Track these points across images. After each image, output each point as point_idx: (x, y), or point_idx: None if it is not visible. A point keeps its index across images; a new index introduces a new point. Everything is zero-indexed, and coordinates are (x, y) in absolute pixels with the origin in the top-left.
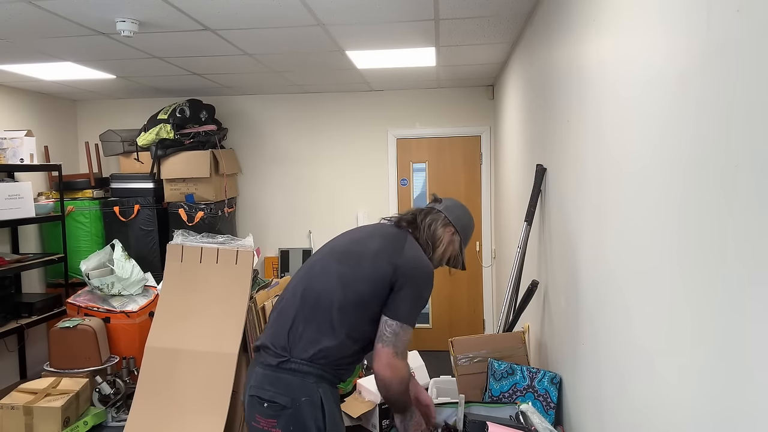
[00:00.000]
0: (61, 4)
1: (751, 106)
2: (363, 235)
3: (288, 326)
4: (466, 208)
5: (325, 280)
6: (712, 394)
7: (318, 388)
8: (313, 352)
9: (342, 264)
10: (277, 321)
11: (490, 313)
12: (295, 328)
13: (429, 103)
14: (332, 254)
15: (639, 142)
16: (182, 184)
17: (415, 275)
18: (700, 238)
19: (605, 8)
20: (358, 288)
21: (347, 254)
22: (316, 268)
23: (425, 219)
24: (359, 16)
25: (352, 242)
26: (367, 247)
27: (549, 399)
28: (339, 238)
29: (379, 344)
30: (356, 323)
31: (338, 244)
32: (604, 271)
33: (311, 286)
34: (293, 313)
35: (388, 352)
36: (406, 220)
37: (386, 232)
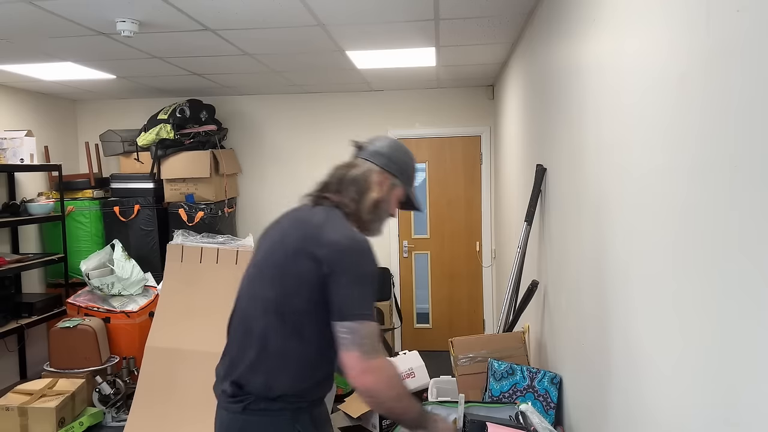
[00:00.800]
0: (61, 4)
1: (751, 106)
2: (278, 234)
3: (240, 367)
4: (398, 143)
5: (256, 314)
6: (713, 395)
7: (296, 424)
8: (276, 387)
9: (264, 288)
10: (228, 358)
11: (490, 313)
12: (249, 367)
13: (429, 103)
14: (255, 277)
15: (639, 142)
16: (182, 184)
17: (343, 256)
18: (701, 239)
19: (605, 8)
20: (293, 307)
21: (266, 273)
22: (242, 301)
23: (346, 176)
24: (359, 16)
25: (268, 253)
26: (284, 249)
27: (549, 399)
28: (261, 244)
29: (342, 352)
30: (310, 341)
31: (259, 260)
32: (604, 271)
33: (246, 321)
34: (240, 351)
35: (355, 356)
36: (325, 191)
37: (300, 219)
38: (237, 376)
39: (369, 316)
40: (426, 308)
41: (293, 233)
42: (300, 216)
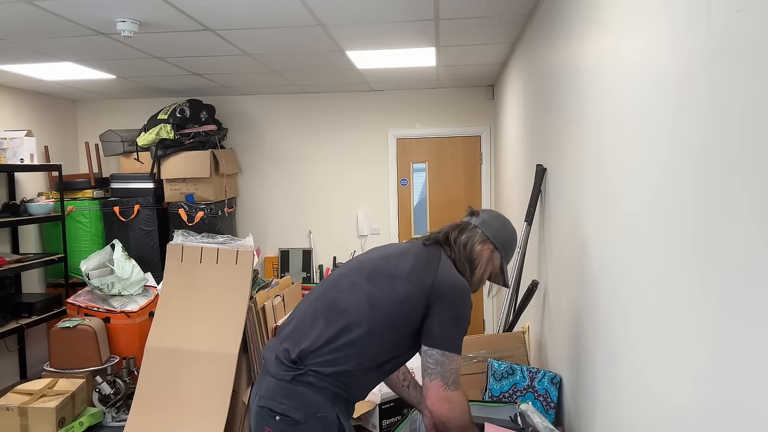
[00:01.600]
0: (61, 4)
1: (752, 106)
2: (394, 252)
3: (308, 340)
4: (507, 220)
5: (353, 298)
6: (712, 395)
7: (334, 405)
8: (333, 370)
9: (371, 283)
10: (295, 332)
11: (490, 313)
12: (315, 342)
13: (429, 103)
14: (360, 271)
15: (639, 142)
16: (182, 184)
17: (451, 296)
18: (701, 239)
19: (605, 8)
20: (389, 311)
21: (377, 273)
22: (342, 284)
23: (460, 236)
24: (359, 16)
25: (381, 259)
26: (398, 266)
27: (549, 399)
28: (368, 254)
29: (426, 379)
30: (384, 347)
31: (367, 260)
32: (604, 271)
33: (337, 303)
34: (315, 327)
35: (437, 386)
36: (438, 238)
37: (419, 251)
38: (302, 348)
39: (457, 352)
40: None
41: (411, 258)
42: (417, 249)
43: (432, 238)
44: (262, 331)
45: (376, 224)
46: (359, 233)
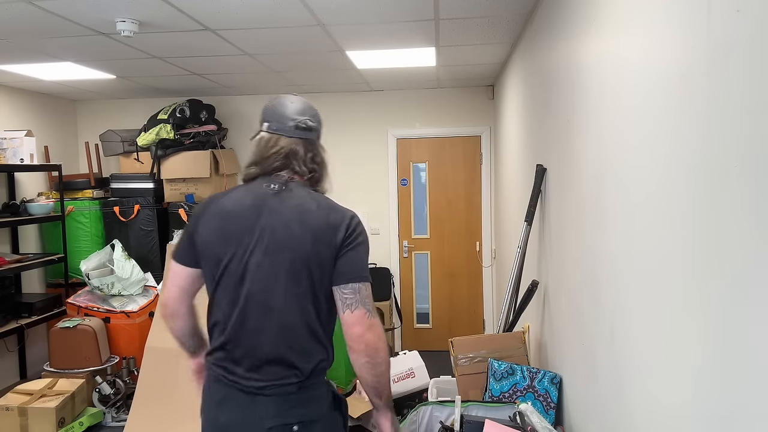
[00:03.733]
0: (61, 4)
1: (752, 105)
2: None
3: (284, 343)
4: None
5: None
6: (713, 395)
7: (329, 389)
8: (314, 365)
9: (292, 281)
10: (257, 336)
11: (490, 313)
12: (293, 347)
13: (429, 103)
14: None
15: (640, 142)
16: (182, 184)
17: (352, 234)
18: (702, 239)
19: (605, 8)
20: (323, 293)
21: (292, 267)
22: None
23: (306, 157)
24: (359, 16)
25: (282, 243)
26: (301, 245)
27: (549, 399)
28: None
29: (348, 311)
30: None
31: (269, 249)
32: (604, 271)
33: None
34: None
35: (362, 314)
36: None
37: (296, 207)
38: (277, 354)
39: (369, 279)
40: (426, 308)
41: (300, 228)
42: (301, 209)
43: (285, 183)
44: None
45: (376, 224)
46: None
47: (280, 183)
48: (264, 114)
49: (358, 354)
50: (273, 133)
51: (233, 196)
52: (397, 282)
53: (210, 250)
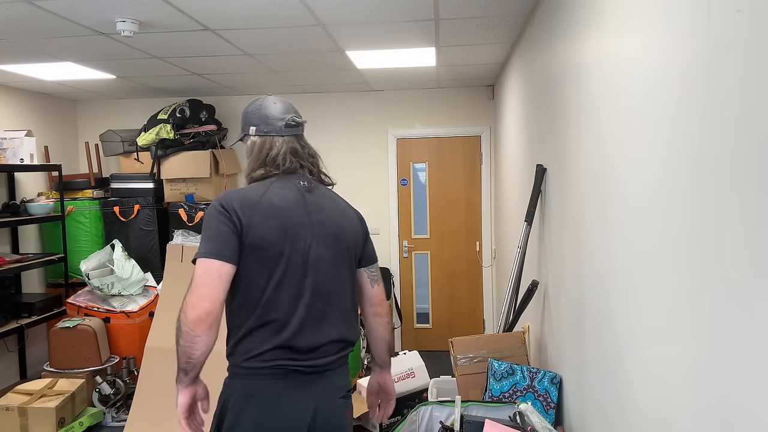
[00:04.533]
0: (61, 4)
1: (751, 105)
2: (330, 220)
3: (344, 323)
4: (286, 100)
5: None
6: (713, 395)
7: None
8: (356, 338)
9: (344, 266)
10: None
11: (490, 313)
12: (343, 320)
13: (429, 103)
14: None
15: (640, 142)
16: (182, 184)
17: (364, 223)
18: (703, 239)
19: (605, 8)
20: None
21: (344, 256)
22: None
23: (305, 153)
24: (359, 16)
25: (336, 236)
26: (350, 235)
27: (549, 399)
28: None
29: (376, 285)
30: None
31: (327, 242)
32: (604, 271)
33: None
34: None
35: (382, 286)
36: (308, 180)
37: (336, 206)
38: (340, 334)
39: None
40: (426, 308)
41: (344, 221)
42: (336, 203)
43: (310, 182)
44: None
45: (376, 224)
46: None
47: (307, 180)
48: (247, 118)
49: (383, 318)
50: (265, 136)
51: (274, 192)
52: (397, 282)
53: (272, 245)
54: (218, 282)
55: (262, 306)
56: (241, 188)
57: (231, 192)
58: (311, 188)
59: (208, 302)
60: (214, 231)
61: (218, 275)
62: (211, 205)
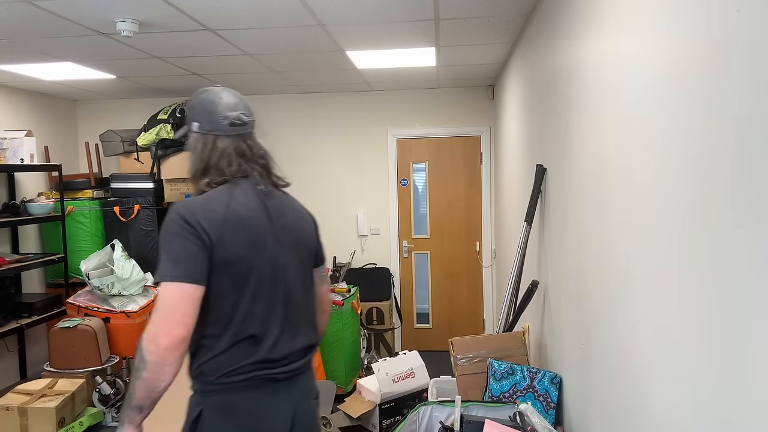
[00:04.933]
0: (61, 4)
1: (751, 105)
2: (294, 225)
3: (311, 329)
4: (236, 93)
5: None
6: (713, 395)
7: None
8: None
9: (306, 271)
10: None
11: (490, 313)
12: (311, 326)
13: (429, 103)
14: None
15: (640, 142)
16: (182, 184)
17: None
18: (702, 239)
19: (605, 8)
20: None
21: (306, 260)
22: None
23: (255, 153)
24: (359, 16)
25: (297, 243)
26: (310, 240)
27: (549, 399)
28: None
29: (324, 285)
30: None
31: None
32: (604, 271)
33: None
34: (301, 316)
35: (328, 287)
36: (270, 175)
37: (295, 209)
38: (308, 341)
39: None
40: (426, 308)
41: (305, 225)
42: (293, 206)
43: (266, 186)
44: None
45: (376, 224)
46: (359, 233)
47: (263, 184)
48: (192, 112)
49: (327, 315)
50: (207, 134)
51: (238, 201)
52: (397, 282)
53: (242, 259)
54: (193, 307)
55: (236, 323)
56: (201, 197)
57: (192, 203)
58: (269, 193)
59: (183, 328)
60: (182, 250)
61: (192, 300)
62: (170, 218)
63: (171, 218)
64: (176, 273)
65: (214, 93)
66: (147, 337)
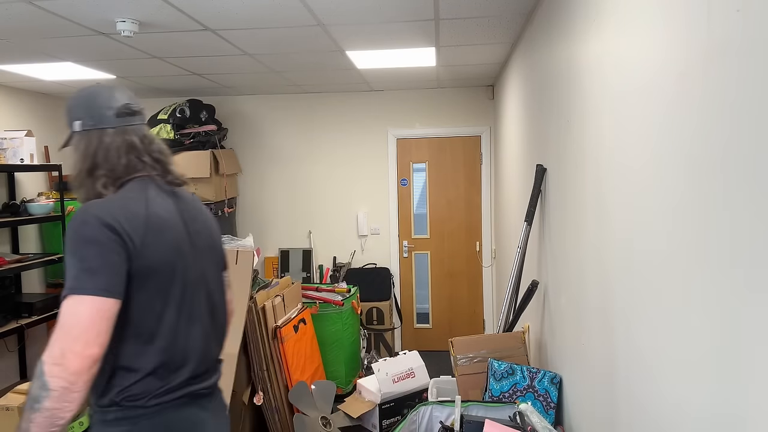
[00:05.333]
0: (61, 4)
1: (750, 105)
2: (203, 229)
3: (224, 338)
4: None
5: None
6: (713, 395)
7: None
8: None
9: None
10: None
11: (490, 313)
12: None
13: (429, 103)
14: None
15: (639, 142)
16: None
17: None
18: (701, 239)
19: (605, 8)
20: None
21: (218, 268)
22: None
23: (154, 150)
24: (359, 16)
25: (208, 250)
26: (216, 242)
27: (549, 399)
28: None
29: (229, 290)
30: None
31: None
32: (604, 271)
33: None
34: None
35: (232, 291)
36: (167, 173)
37: (200, 209)
38: (221, 351)
39: None
40: (426, 308)
41: (213, 228)
42: (200, 207)
43: (170, 185)
44: (262, 331)
45: (376, 224)
46: (359, 233)
47: (167, 183)
48: (72, 112)
49: (231, 318)
50: (92, 129)
51: (155, 202)
52: (397, 282)
53: (166, 264)
54: (108, 324)
55: (162, 336)
56: (116, 198)
57: (109, 204)
58: (176, 193)
59: (98, 348)
60: (100, 259)
61: (109, 316)
62: (83, 221)
63: (84, 221)
64: (94, 286)
65: (94, 87)
66: (51, 359)
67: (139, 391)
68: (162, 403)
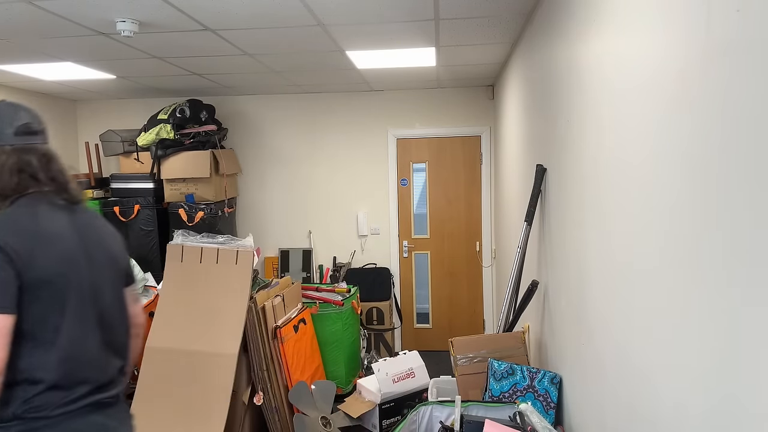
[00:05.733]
0: (61, 4)
1: (750, 105)
2: (102, 247)
3: (126, 351)
4: (22, 104)
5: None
6: (712, 395)
7: None
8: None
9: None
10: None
11: (490, 313)
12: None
13: (429, 103)
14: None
15: (639, 142)
16: (182, 184)
17: None
18: (701, 238)
19: (605, 8)
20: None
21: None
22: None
23: (50, 167)
24: (359, 16)
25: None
26: (117, 264)
27: (549, 399)
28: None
29: (137, 304)
30: None
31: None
32: (603, 271)
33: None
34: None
35: (141, 307)
36: (65, 192)
37: (100, 227)
38: (124, 362)
39: None
40: (426, 308)
41: (114, 243)
42: (99, 223)
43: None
44: (262, 332)
45: (376, 224)
46: (359, 233)
47: (64, 199)
48: None
49: (139, 338)
50: None
51: (46, 216)
52: (397, 282)
53: (58, 276)
54: (5, 341)
55: (62, 347)
56: (4, 215)
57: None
58: (72, 209)
59: None
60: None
61: (7, 332)
62: None
63: None
64: None
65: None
66: None
67: (41, 402)
68: (67, 412)
